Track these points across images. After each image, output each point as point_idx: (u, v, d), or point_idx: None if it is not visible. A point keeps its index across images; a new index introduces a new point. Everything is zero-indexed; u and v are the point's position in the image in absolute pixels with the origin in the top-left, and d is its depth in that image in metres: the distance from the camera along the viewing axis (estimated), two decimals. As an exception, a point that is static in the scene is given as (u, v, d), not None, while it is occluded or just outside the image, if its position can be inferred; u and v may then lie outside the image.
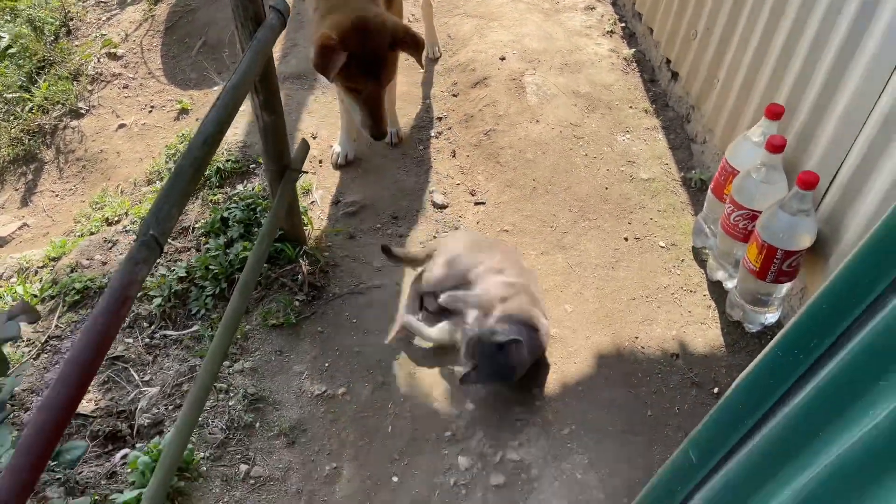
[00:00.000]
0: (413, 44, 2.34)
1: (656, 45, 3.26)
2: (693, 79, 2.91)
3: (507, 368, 2.08)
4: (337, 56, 2.18)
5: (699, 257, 2.57)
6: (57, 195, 3.30)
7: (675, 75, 3.11)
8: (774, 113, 2.17)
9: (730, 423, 1.54)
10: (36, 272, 2.69)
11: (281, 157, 2.27)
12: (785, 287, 2.21)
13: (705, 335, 2.33)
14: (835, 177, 2.05)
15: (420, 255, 2.48)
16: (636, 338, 2.33)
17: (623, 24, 3.60)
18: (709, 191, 2.48)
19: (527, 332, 2.12)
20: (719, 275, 2.47)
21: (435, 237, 2.67)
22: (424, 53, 3.46)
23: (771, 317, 2.30)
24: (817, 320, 1.32)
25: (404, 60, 3.35)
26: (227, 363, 2.23)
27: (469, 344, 2.09)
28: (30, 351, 2.31)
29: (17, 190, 3.36)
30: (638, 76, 3.33)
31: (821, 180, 2.05)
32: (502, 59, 3.36)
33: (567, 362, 2.27)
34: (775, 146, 2.08)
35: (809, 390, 1.34)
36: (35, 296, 2.51)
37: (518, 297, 2.21)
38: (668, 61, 3.15)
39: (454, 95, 3.31)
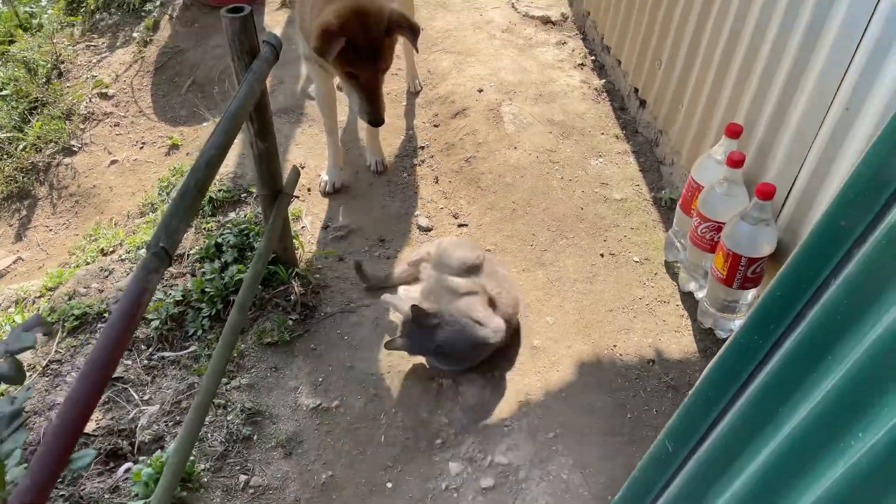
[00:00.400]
0: (409, 27, 2.46)
1: (624, 75, 3.46)
2: (660, 105, 3.09)
3: (427, 345, 2.30)
4: (336, 40, 2.30)
5: (671, 270, 2.71)
6: (51, 230, 3.39)
7: (643, 103, 3.30)
8: (734, 132, 2.35)
9: (701, 410, 1.66)
10: (34, 302, 2.77)
11: (274, 181, 2.39)
12: (751, 293, 2.35)
13: (679, 342, 2.46)
14: (791, 188, 2.22)
15: (395, 276, 2.63)
16: (614, 346, 2.45)
17: (593, 58, 3.81)
18: (677, 207, 2.64)
19: (461, 325, 2.28)
20: (690, 286, 2.61)
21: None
22: (406, 86, 3.65)
23: (739, 323, 2.44)
24: (774, 305, 1.46)
25: (386, 94, 3.51)
26: (224, 380, 2.31)
27: (404, 319, 2.34)
28: (31, 375, 2.38)
29: (11, 226, 3.44)
30: (608, 105, 3.52)
31: (779, 191, 2.22)
32: (480, 91, 3.54)
33: (550, 370, 2.38)
34: (735, 161, 2.25)
35: (769, 369, 1.47)
36: (34, 323, 2.58)
37: (471, 296, 2.35)
38: (636, 90, 3.34)
39: (435, 126, 3.47)
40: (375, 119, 2.53)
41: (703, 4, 2.66)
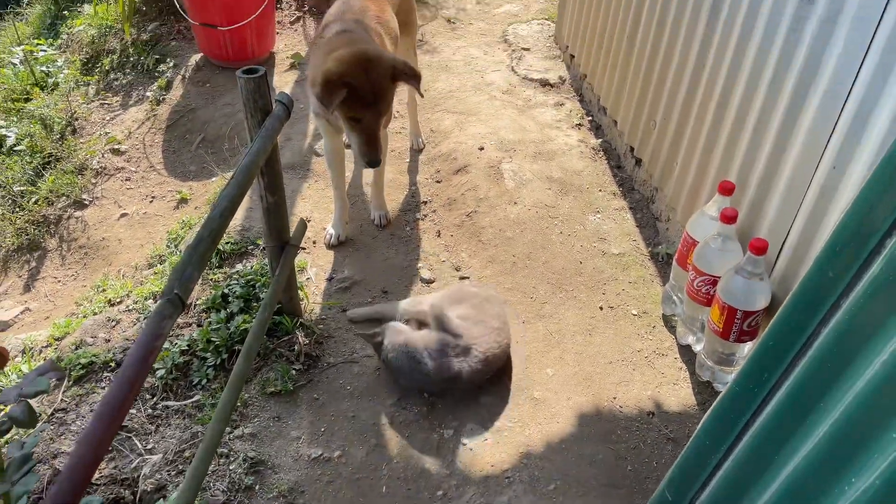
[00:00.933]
0: (412, 74, 2.57)
1: (620, 134, 3.58)
2: (655, 164, 3.20)
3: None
4: (338, 89, 2.40)
5: (669, 323, 2.76)
6: (59, 281, 3.45)
7: (638, 161, 3.40)
8: (726, 189, 2.43)
9: (699, 460, 1.69)
10: (40, 351, 2.80)
11: (281, 234, 2.47)
12: (747, 346, 2.39)
13: (678, 394, 2.49)
14: (784, 243, 2.29)
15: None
16: (614, 398, 2.48)
17: (590, 118, 3.94)
18: (674, 261, 2.71)
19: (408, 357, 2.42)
20: (688, 339, 2.65)
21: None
22: (409, 144, 3.77)
23: (737, 375, 2.47)
24: (767, 355, 1.51)
25: (390, 151, 3.63)
26: (227, 429, 2.33)
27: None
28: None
29: (20, 277, 3.50)
30: (605, 163, 3.63)
31: (772, 246, 2.29)
32: (481, 149, 3.66)
33: (551, 422, 2.40)
34: (728, 217, 2.33)
35: (764, 418, 1.51)
36: (40, 372, 2.61)
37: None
38: (632, 149, 3.45)
39: (438, 182, 3.57)
40: (373, 160, 2.62)
41: (694, 71, 2.79)
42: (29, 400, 1.63)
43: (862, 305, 1.24)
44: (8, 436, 2.03)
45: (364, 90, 2.46)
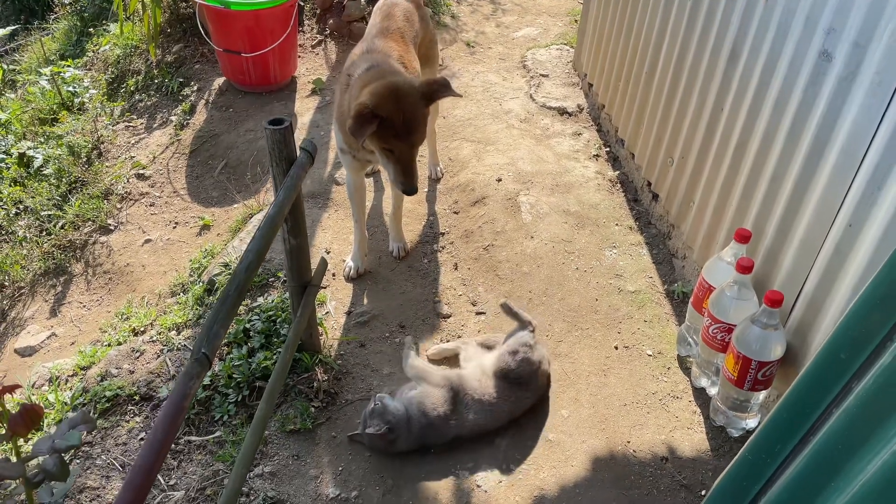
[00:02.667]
0: (443, 86, 2.60)
1: (638, 168, 3.61)
2: (672, 200, 3.22)
3: (371, 443, 2.45)
4: (369, 123, 2.42)
5: (684, 365, 2.79)
6: (84, 306, 3.53)
7: (655, 196, 3.43)
8: (743, 237, 2.46)
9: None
10: (66, 381, 2.88)
11: (303, 274, 2.52)
12: (762, 394, 2.42)
13: (692, 439, 2.51)
14: (799, 294, 2.31)
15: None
16: (628, 442, 2.51)
17: (607, 149, 3.97)
18: (689, 304, 2.73)
19: (410, 418, 2.42)
20: (703, 382, 2.68)
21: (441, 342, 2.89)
22: (428, 173, 3.81)
23: (751, 422, 2.49)
24: (779, 427, 1.54)
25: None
26: (248, 467, 2.38)
27: (364, 414, 2.47)
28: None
29: (46, 301, 3.59)
30: (622, 196, 3.66)
31: (787, 298, 2.31)
32: (499, 180, 3.70)
33: (565, 465, 2.43)
34: (744, 267, 2.35)
35: (776, 490, 1.53)
36: (66, 403, 2.69)
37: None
38: (649, 183, 3.48)
39: (455, 213, 3.62)
40: (410, 189, 2.63)
41: (712, 113, 2.82)
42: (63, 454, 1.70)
43: (872, 397, 1.27)
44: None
45: (397, 121, 2.49)
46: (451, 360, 2.82)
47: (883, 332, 1.31)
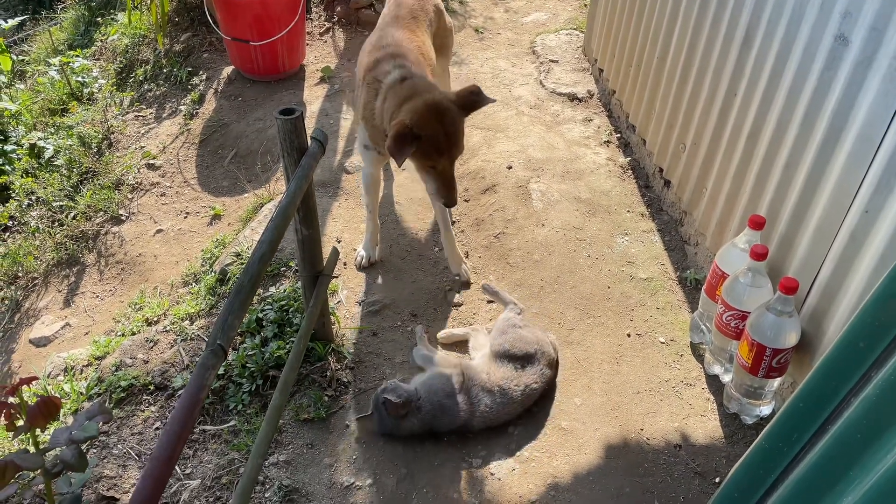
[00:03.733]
0: (477, 95, 2.57)
1: (649, 154, 3.58)
2: (684, 187, 3.20)
3: (381, 422, 2.45)
4: (409, 144, 2.40)
5: (697, 352, 2.78)
6: (97, 296, 3.55)
7: (667, 183, 3.41)
8: (756, 223, 2.44)
9: (727, 509, 1.71)
10: (81, 371, 2.90)
11: (315, 264, 2.52)
12: (776, 381, 2.41)
13: (705, 427, 2.51)
14: (814, 281, 2.29)
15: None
16: (641, 429, 2.51)
17: (618, 135, 3.94)
18: (702, 291, 2.72)
19: (421, 398, 2.43)
20: (716, 369, 2.67)
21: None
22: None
23: (765, 409, 2.49)
24: (797, 415, 1.53)
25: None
26: (262, 456, 2.40)
27: (374, 395, 2.48)
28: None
29: (60, 291, 3.61)
30: (634, 182, 3.63)
31: (801, 285, 2.29)
32: (509, 167, 3.68)
33: (578, 453, 2.44)
34: (758, 254, 2.33)
35: (793, 478, 1.53)
36: (82, 393, 2.71)
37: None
38: (661, 170, 3.45)
39: (466, 201, 3.61)
40: (450, 202, 2.65)
41: (725, 99, 2.79)
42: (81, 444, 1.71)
43: (891, 386, 1.26)
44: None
45: (439, 138, 2.46)
46: (461, 346, 2.82)
47: (902, 321, 1.30)
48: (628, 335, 2.86)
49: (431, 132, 2.44)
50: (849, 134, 2.10)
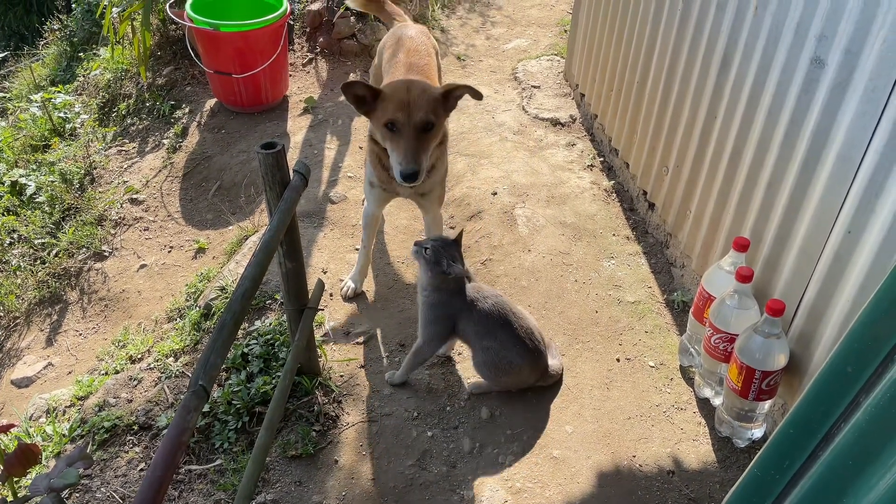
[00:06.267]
0: (463, 85, 2.59)
1: (633, 177, 3.60)
2: (668, 209, 3.21)
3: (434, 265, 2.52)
4: (360, 88, 2.48)
5: (687, 375, 2.76)
6: (80, 334, 3.49)
7: (651, 205, 3.42)
8: (741, 245, 2.44)
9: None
10: (64, 412, 2.84)
11: (301, 297, 2.50)
12: (767, 404, 2.39)
13: (698, 451, 2.49)
14: (800, 302, 2.29)
15: None
16: (634, 456, 2.48)
17: (602, 159, 3.96)
18: (690, 314, 2.71)
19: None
20: (706, 392, 2.65)
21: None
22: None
23: (757, 432, 2.47)
24: (788, 442, 1.52)
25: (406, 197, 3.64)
26: (250, 495, 2.35)
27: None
28: (61, 490, 2.42)
29: (42, 331, 3.55)
30: (618, 206, 3.64)
31: (788, 306, 2.29)
32: (494, 193, 3.68)
33: (571, 483, 2.41)
34: (744, 276, 2.33)
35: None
36: (65, 435, 2.65)
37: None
38: (645, 192, 3.46)
39: (451, 228, 3.60)
40: (407, 168, 2.49)
41: (706, 121, 2.81)
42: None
43: (880, 411, 1.25)
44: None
45: (400, 99, 2.46)
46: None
47: (890, 345, 1.29)
48: (618, 360, 2.85)
49: (392, 93, 2.48)
50: (829, 155, 2.11)
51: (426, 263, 2.53)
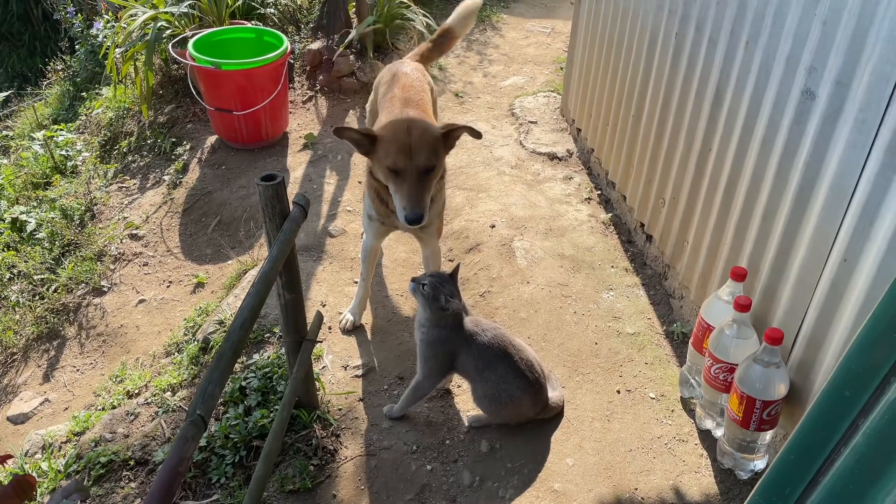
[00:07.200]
0: (462, 126, 2.58)
1: (630, 210, 3.62)
2: (665, 241, 3.23)
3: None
4: (356, 133, 2.51)
5: (687, 407, 2.75)
6: (78, 370, 3.48)
7: (649, 237, 3.44)
8: (738, 275, 2.45)
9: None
10: (60, 447, 2.81)
11: (299, 329, 2.50)
12: (769, 434, 2.38)
13: (700, 483, 2.46)
14: (799, 331, 2.29)
15: None
16: (635, 489, 2.45)
17: (599, 192, 4.00)
18: (689, 344, 2.71)
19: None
20: (708, 423, 2.63)
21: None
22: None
23: (759, 463, 2.45)
24: (788, 469, 1.51)
25: (404, 232, 3.66)
26: (247, 531, 2.31)
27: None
28: (55, 527, 2.39)
29: (39, 366, 3.54)
30: (616, 238, 3.66)
31: (786, 335, 2.29)
32: (492, 226, 3.71)
33: (572, 516, 2.37)
34: (742, 305, 2.34)
35: (790, 535, 1.48)
36: (60, 471, 2.62)
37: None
38: (642, 225, 3.49)
39: (450, 261, 3.61)
40: (412, 212, 2.51)
41: (700, 154, 2.85)
42: (53, 524, 1.64)
43: (879, 432, 1.25)
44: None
45: (400, 141, 2.47)
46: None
47: (886, 367, 1.30)
48: (618, 391, 2.83)
49: (394, 136, 2.48)
50: (822, 184, 2.14)
51: (424, 299, 2.53)
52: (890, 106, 1.87)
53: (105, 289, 3.79)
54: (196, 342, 3.15)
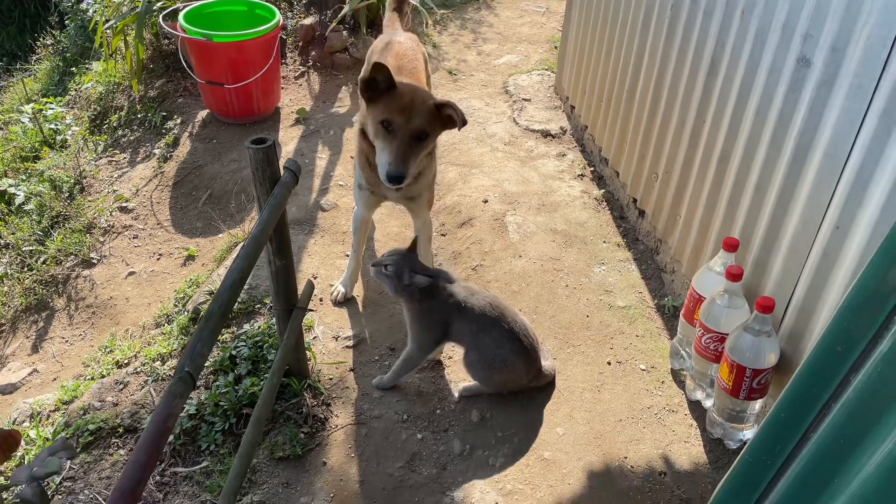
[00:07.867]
0: (454, 108, 2.52)
1: (623, 186, 3.62)
2: (658, 216, 3.22)
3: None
4: (381, 71, 2.41)
5: (678, 378, 2.75)
6: (67, 341, 3.45)
7: (641, 213, 3.43)
8: (731, 245, 2.45)
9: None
10: (48, 416, 2.80)
11: (289, 297, 2.48)
12: (758, 403, 2.38)
13: (689, 453, 2.47)
14: (790, 300, 2.30)
15: None
16: (625, 457, 2.46)
17: (592, 168, 3.98)
18: (681, 316, 2.71)
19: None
20: (698, 394, 2.64)
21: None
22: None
23: (748, 433, 2.46)
24: (779, 426, 1.51)
25: (395, 204, 3.63)
26: (237, 497, 2.31)
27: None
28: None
29: (28, 338, 3.51)
30: (609, 213, 3.66)
31: (778, 303, 2.30)
32: (485, 201, 3.69)
33: (562, 484, 2.38)
34: (734, 275, 2.34)
35: (778, 490, 1.49)
36: (48, 439, 2.61)
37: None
38: (635, 200, 3.48)
39: (443, 235, 3.60)
40: (395, 167, 2.46)
41: (694, 127, 2.84)
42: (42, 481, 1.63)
43: (871, 385, 1.25)
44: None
45: (402, 98, 2.45)
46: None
47: (878, 323, 1.30)
48: (609, 363, 2.83)
49: (400, 93, 2.46)
50: (816, 153, 2.13)
51: (389, 281, 2.51)
52: (885, 70, 1.86)
53: (94, 261, 3.76)
54: (186, 313, 3.13)
